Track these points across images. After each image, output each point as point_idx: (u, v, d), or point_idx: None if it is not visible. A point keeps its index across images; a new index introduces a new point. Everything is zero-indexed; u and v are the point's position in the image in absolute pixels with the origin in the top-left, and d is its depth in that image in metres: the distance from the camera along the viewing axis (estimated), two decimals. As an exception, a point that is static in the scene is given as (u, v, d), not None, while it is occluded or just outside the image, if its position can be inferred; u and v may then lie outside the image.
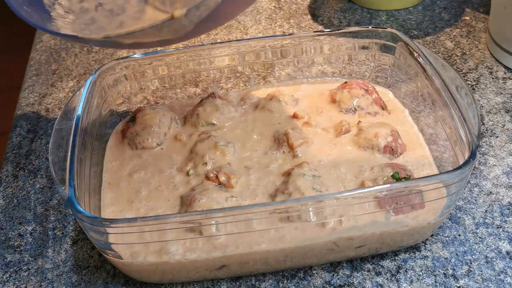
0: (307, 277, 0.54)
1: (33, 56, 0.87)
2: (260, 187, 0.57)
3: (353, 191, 0.50)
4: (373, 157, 0.59)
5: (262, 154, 0.61)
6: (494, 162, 0.64)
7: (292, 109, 0.66)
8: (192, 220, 0.50)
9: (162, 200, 0.57)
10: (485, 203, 0.59)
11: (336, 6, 0.92)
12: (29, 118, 0.75)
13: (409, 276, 0.54)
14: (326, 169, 0.58)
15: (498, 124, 0.68)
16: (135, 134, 0.63)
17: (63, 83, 0.81)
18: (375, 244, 0.53)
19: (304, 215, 0.51)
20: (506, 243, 0.56)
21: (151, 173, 0.60)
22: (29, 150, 0.70)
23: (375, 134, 0.60)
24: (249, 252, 0.51)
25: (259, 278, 0.55)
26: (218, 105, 0.65)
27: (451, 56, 0.79)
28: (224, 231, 0.51)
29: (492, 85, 0.74)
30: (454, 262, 0.54)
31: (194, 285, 0.55)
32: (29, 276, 0.56)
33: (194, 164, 0.59)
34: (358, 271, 0.54)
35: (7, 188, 0.65)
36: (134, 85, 0.68)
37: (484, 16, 0.86)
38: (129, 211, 0.56)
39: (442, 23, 0.86)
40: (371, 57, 0.69)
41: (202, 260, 0.51)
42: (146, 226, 0.49)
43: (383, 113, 0.65)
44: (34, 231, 0.60)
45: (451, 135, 0.56)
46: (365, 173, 0.57)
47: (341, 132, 0.62)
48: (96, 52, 0.86)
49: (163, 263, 0.51)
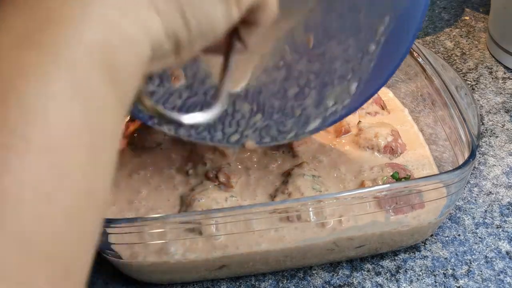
0: (307, 277, 0.54)
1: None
2: (260, 187, 0.57)
3: (353, 191, 0.50)
4: (373, 157, 0.59)
5: (261, 154, 0.61)
6: (493, 162, 0.64)
7: (292, 109, 0.66)
8: (192, 220, 0.50)
9: (162, 200, 0.57)
10: (485, 203, 0.59)
11: (336, 6, 0.92)
12: (28, 118, 0.75)
13: (408, 276, 0.54)
14: (326, 169, 0.58)
15: (497, 124, 0.68)
16: (135, 134, 0.63)
17: (62, 83, 0.81)
18: (375, 244, 0.53)
19: (304, 215, 0.51)
20: (506, 243, 0.56)
21: (150, 173, 0.60)
22: (28, 150, 0.70)
23: (375, 134, 0.60)
24: (249, 252, 0.51)
25: (259, 278, 0.55)
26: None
27: (451, 56, 0.79)
28: (224, 231, 0.51)
29: (491, 85, 0.74)
30: (454, 262, 0.54)
31: (194, 285, 0.55)
32: (29, 276, 0.56)
33: (194, 164, 0.59)
34: (358, 271, 0.54)
35: (6, 188, 0.65)
36: (134, 85, 0.68)
37: (484, 16, 0.86)
38: (128, 211, 0.56)
39: (441, 23, 0.86)
40: (371, 57, 0.68)
41: (202, 260, 0.51)
42: (146, 226, 0.49)
43: (383, 112, 0.65)
44: (33, 231, 0.60)
45: (450, 135, 0.56)
46: (365, 173, 0.57)
47: (341, 132, 0.62)
48: (95, 52, 0.86)
49: (163, 263, 0.51)
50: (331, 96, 0.51)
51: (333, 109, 0.51)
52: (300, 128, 0.52)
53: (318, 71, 0.51)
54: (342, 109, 0.51)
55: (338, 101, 0.51)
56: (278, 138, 0.53)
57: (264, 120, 0.52)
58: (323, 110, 0.51)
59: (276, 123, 0.52)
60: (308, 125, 0.52)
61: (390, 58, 0.49)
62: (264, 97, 0.52)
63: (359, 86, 0.50)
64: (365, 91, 0.51)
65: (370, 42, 0.49)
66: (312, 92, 0.51)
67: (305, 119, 0.52)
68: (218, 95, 0.33)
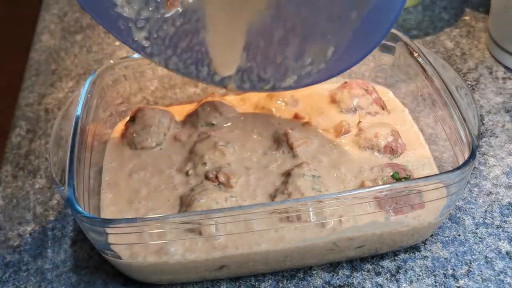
0: (307, 277, 0.54)
1: (32, 56, 0.87)
2: (260, 187, 0.57)
3: (353, 191, 0.50)
4: (373, 157, 0.59)
5: (261, 154, 0.61)
6: (494, 162, 0.64)
7: (292, 109, 0.66)
8: (191, 221, 0.50)
9: (162, 200, 0.57)
10: (485, 203, 0.59)
11: (336, 6, 0.92)
12: (28, 118, 0.75)
13: (409, 276, 0.54)
14: (326, 169, 0.58)
15: (498, 124, 0.68)
16: (135, 134, 0.63)
17: (62, 83, 0.81)
18: (375, 244, 0.53)
19: (304, 215, 0.51)
20: (506, 243, 0.56)
21: (150, 173, 0.60)
22: (28, 150, 0.70)
23: (375, 134, 0.60)
24: (248, 252, 0.51)
25: (259, 279, 0.55)
26: (217, 105, 0.65)
27: (451, 56, 0.79)
28: (223, 232, 0.51)
29: (492, 85, 0.74)
30: (454, 262, 0.54)
31: (194, 285, 0.55)
32: (29, 277, 0.56)
33: (194, 164, 0.59)
34: (358, 271, 0.54)
35: (6, 188, 0.65)
36: (134, 85, 0.68)
37: (484, 16, 0.86)
38: (128, 211, 0.56)
39: (442, 23, 0.86)
40: (371, 57, 0.68)
41: (202, 261, 0.51)
42: (145, 227, 0.49)
43: (383, 113, 0.65)
44: (33, 231, 0.60)
45: (451, 135, 0.56)
46: (365, 173, 0.57)
47: (341, 132, 0.62)
48: (95, 52, 0.86)
49: (162, 263, 0.51)
50: (310, 53, 0.55)
51: (308, 69, 0.56)
52: (278, 80, 0.58)
53: (304, 18, 0.55)
54: (316, 72, 0.56)
55: (314, 62, 0.56)
56: (256, 86, 0.58)
57: (248, 61, 0.57)
58: (300, 67, 0.56)
59: (258, 67, 0.57)
60: (285, 79, 0.57)
61: (366, 38, 0.54)
62: (252, 35, 0.56)
63: (335, 53, 0.55)
64: (339, 63, 0.56)
65: (353, 9, 0.53)
66: (295, 40, 0.56)
67: (283, 71, 0.57)
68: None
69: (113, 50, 0.86)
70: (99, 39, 0.89)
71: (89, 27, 0.92)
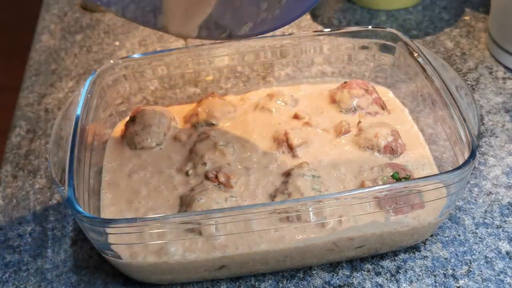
0: (306, 277, 0.54)
1: (32, 56, 0.87)
2: (260, 187, 0.57)
3: (353, 191, 0.50)
4: (373, 157, 0.59)
5: (261, 154, 0.61)
6: (493, 162, 0.64)
7: (292, 109, 0.66)
8: (191, 221, 0.50)
9: (162, 200, 0.57)
10: (485, 203, 0.59)
11: (336, 6, 0.92)
12: (28, 118, 0.75)
13: (408, 276, 0.54)
14: (326, 169, 0.58)
15: (498, 124, 0.68)
16: (135, 134, 0.63)
17: (62, 83, 0.81)
18: (374, 244, 0.53)
19: (304, 215, 0.51)
20: (506, 243, 0.56)
21: (150, 173, 0.60)
22: (28, 150, 0.70)
23: (375, 134, 0.60)
24: (248, 252, 0.51)
25: (259, 279, 0.55)
26: (217, 105, 0.65)
27: (451, 56, 0.79)
28: (223, 232, 0.51)
29: (492, 85, 0.74)
30: (454, 262, 0.54)
31: (194, 285, 0.55)
32: (29, 277, 0.56)
33: (194, 164, 0.59)
34: (358, 271, 0.54)
35: (6, 188, 0.65)
36: (134, 85, 0.68)
37: (484, 16, 0.86)
38: (128, 211, 0.56)
39: (442, 23, 0.86)
40: (371, 57, 0.69)
41: (202, 261, 0.51)
42: (145, 227, 0.49)
43: (383, 113, 0.65)
44: (33, 231, 0.60)
45: (451, 135, 0.56)
46: (365, 173, 0.57)
47: (341, 132, 0.62)
48: (95, 52, 0.86)
49: (162, 263, 0.51)
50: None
51: (263, 16, 0.56)
52: (234, 28, 0.58)
53: None
54: (271, 19, 0.56)
55: (269, 8, 0.55)
56: (213, 34, 0.58)
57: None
58: (256, 14, 0.56)
59: (216, 12, 0.56)
60: (241, 27, 0.57)
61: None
62: None
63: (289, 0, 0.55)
64: (292, 10, 0.56)
65: None
66: None
67: (240, 17, 0.57)
68: None
69: (113, 50, 0.86)
70: (99, 39, 0.89)
71: (89, 27, 0.92)
